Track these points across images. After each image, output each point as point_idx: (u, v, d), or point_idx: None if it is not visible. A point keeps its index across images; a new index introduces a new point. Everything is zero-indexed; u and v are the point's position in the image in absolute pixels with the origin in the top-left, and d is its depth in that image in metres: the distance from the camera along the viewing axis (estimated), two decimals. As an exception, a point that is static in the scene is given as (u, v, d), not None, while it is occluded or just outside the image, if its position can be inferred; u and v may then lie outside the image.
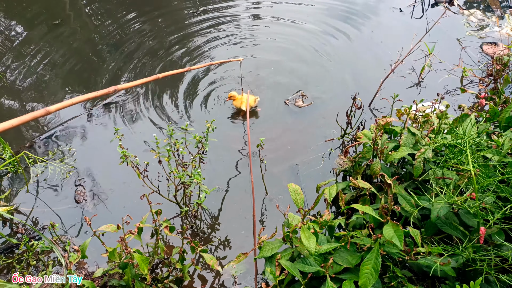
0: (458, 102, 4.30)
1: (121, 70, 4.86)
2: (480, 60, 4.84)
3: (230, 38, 5.36)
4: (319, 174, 3.64)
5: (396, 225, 2.10)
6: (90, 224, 2.57)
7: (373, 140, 2.91)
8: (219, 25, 5.63)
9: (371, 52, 5.08)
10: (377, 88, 4.15)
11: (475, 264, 2.24)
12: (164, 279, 2.74)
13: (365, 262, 2.25)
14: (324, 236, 2.61)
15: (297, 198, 2.48)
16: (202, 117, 4.23)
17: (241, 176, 3.64)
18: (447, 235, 2.59)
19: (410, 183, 2.90)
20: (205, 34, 5.45)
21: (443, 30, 5.27)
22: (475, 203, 2.19)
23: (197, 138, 2.84)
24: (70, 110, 4.31)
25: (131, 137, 4.00)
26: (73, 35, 5.44)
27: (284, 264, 2.36)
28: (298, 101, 4.37)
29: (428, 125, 2.86)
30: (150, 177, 3.35)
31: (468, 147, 2.31)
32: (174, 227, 2.75)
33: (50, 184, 3.60)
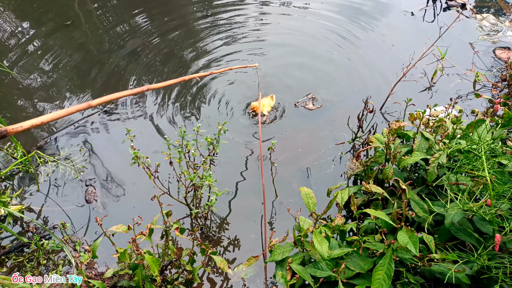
0: (471, 107, 4.26)
1: (132, 73, 4.87)
2: (493, 65, 4.79)
3: (238, 39, 5.36)
4: (330, 178, 3.62)
5: (411, 231, 2.08)
6: (101, 224, 2.58)
7: (386, 144, 2.89)
8: (228, 25, 5.63)
9: (382, 55, 5.05)
10: (389, 92, 4.12)
11: (490, 272, 2.20)
12: (173, 281, 2.74)
13: (377, 268, 2.23)
14: (336, 240, 2.59)
15: (309, 202, 2.46)
16: (214, 119, 4.23)
17: (251, 179, 3.62)
18: (459, 242, 2.56)
19: (423, 188, 2.87)
20: (214, 35, 5.45)
21: (455, 34, 5.22)
22: (490, 210, 2.16)
23: (208, 140, 2.83)
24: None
25: (140, 138, 4.00)
26: (84, 36, 5.47)
27: (295, 268, 2.34)
28: (308, 104, 4.35)
29: (442, 130, 2.83)
30: (160, 178, 3.36)
31: (483, 153, 2.29)
32: (184, 229, 2.75)
33: (61, 183, 3.61)
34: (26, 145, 3.93)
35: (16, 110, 4.40)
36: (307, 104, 4.33)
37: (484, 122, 2.61)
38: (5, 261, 3.03)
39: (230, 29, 5.58)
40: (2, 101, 4.51)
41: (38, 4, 6.18)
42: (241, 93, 4.56)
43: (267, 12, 5.99)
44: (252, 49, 5.19)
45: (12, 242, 3.17)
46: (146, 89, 2.67)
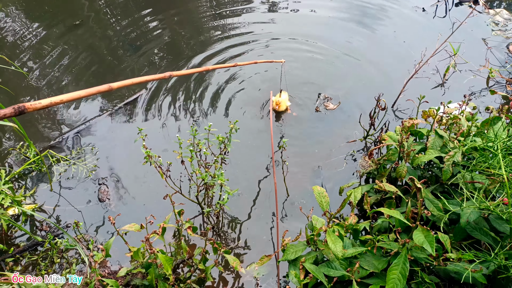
0: (484, 103, 4.20)
1: (141, 71, 4.88)
2: (507, 60, 4.71)
3: (248, 36, 5.34)
4: (342, 176, 3.60)
5: (427, 231, 2.05)
6: (114, 223, 2.59)
7: (399, 142, 2.86)
8: (235, 24, 5.62)
9: (394, 52, 5.00)
10: (401, 89, 4.08)
11: (507, 272, 2.17)
12: (186, 280, 2.74)
13: (392, 267, 2.20)
14: (349, 239, 2.57)
15: (323, 200, 2.45)
16: (225, 117, 4.22)
17: (262, 179, 3.61)
18: (475, 241, 2.52)
19: (437, 186, 2.84)
20: (222, 34, 5.44)
21: (467, 30, 5.15)
22: (508, 209, 2.12)
23: (220, 139, 2.82)
24: (92, 109, 4.35)
25: (150, 136, 4.00)
26: (92, 35, 5.49)
27: (309, 267, 2.33)
28: (329, 104, 4.30)
29: (456, 128, 2.79)
30: (172, 177, 3.37)
31: (500, 150, 2.25)
32: (196, 228, 2.75)
33: (73, 183, 3.63)
34: (38, 144, 3.96)
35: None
36: (328, 105, 4.28)
37: (500, 119, 2.57)
38: (19, 259, 3.06)
39: (239, 27, 5.56)
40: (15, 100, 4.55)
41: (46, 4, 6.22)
42: (253, 93, 4.54)
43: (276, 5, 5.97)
44: (263, 47, 5.17)
45: (27, 240, 3.20)
46: (168, 75, 2.66)
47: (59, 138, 3.99)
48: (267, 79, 4.66)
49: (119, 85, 2.38)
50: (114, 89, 2.33)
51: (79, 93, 2.10)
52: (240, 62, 3.76)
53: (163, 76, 2.67)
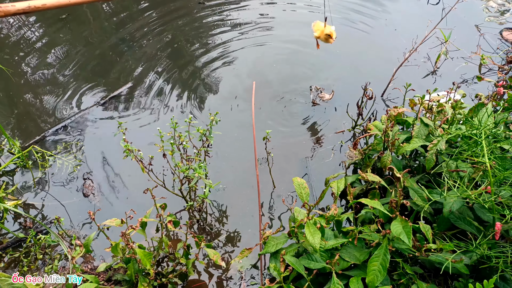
0: (476, 91, 4.12)
1: (135, 64, 4.82)
2: (500, 47, 4.63)
3: (241, 26, 5.26)
4: (330, 167, 3.55)
5: (405, 221, 2.01)
6: (94, 218, 2.55)
7: (383, 132, 2.80)
8: (227, 12, 5.53)
9: (385, 40, 4.91)
10: (390, 78, 4.01)
11: (490, 262, 2.12)
12: (168, 274, 2.71)
13: (373, 259, 2.16)
14: (331, 231, 2.53)
15: (302, 192, 2.40)
16: (214, 109, 4.17)
17: (248, 172, 3.55)
18: (461, 231, 2.48)
19: (423, 176, 2.78)
20: (218, 25, 5.36)
21: (460, 16, 5.05)
22: (490, 197, 2.07)
23: (200, 131, 2.77)
24: (78, 104, 4.30)
25: (139, 130, 3.96)
26: (80, 29, 5.41)
27: (289, 260, 2.29)
28: (324, 95, 4.20)
29: (441, 116, 2.73)
30: (156, 170, 3.32)
31: (483, 138, 2.19)
32: (178, 222, 2.71)
33: (58, 178, 3.60)
34: (24, 140, 3.92)
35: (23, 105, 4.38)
36: (323, 96, 4.19)
37: (483, 106, 2.51)
38: (2, 256, 3.04)
39: (230, 17, 5.48)
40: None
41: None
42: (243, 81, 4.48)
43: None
44: (251, 36, 5.09)
45: (9, 237, 3.17)
46: None
47: (45, 133, 3.94)
48: (258, 70, 4.60)
49: None
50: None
51: None
52: None
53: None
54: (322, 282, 2.42)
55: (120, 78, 4.62)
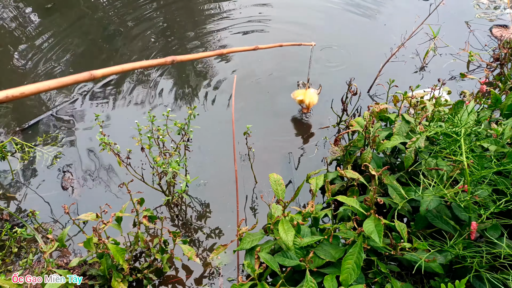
0: (463, 88, 4.09)
1: (120, 54, 4.75)
2: (489, 43, 4.59)
3: (233, 19, 5.19)
4: (313, 163, 3.51)
5: (378, 220, 1.97)
6: (68, 212, 2.50)
7: (364, 128, 2.76)
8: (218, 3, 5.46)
9: (374, 35, 4.86)
10: (377, 73, 3.96)
11: (464, 261, 2.10)
12: (144, 269, 2.67)
13: (347, 257, 2.13)
14: (309, 228, 2.49)
15: (278, 188, 2.36)
16: (200, 104, 4.12)
17: (231, 167, 3.50)
18: (440, 229, 2.45)
19: (404, 173, 2.75)
20: (216, 16, 5.28)
21: (450, 12, 5.01)
22: (466, 196, 2.04)
23: (178, 125, 2.72)
24: (60, 95, 4.23)
25: (121, 122, 3.90)
26: (67, 18, 5.33)
27: (263, 257, 2.25)
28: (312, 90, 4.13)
29: (423, 113, 2.69)
30: (137, 164, 3.27)
31: (462, 136, 2.15)
32: (155, 217, 2.67)
33: (38, 170, 3.54)
34: (4, 131, 3.85)
35: None
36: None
37: (463, 104, 2.47)
38: (-23, 249, 2.99)
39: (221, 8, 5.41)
40: None
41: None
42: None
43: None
44: (247, 28, 5.02)
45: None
46: (170, 61, 2.22)
47: (24, 124, 3.87)
48: (244, 64, 4.54)
49: (103, 73, 1.95)
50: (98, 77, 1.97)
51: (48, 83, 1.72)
52: (261, 46, 3.07)
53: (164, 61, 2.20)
54: (298, 279, 2.39)
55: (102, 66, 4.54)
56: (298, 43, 3.54)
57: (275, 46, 3.35)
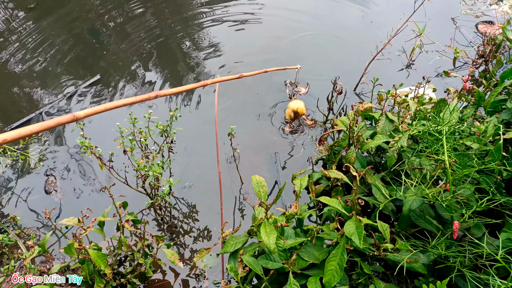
0: (449, 85, 4.09)
1: (105, 55, 4.69)
2: (475, 40, 4.59)
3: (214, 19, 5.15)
4: (299, 163, 3.49)
5: (359, 221, 1.96)
6: (50, 217, 2.47)
7: (348, 128, 2.75)
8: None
9: (360, 33, 4.85)
10: (363, 71, 3.95)
11: (447, 261, 2.09)
12: (128, 274, 2.63)
13: (330, 258, 2.11)
14: (293, 229, 2.47)
15: (261, 190, 2.33)
16: (180, 105, 4.07)
17: (216, 168, 3.48)
18: (424, 229, 2.45)
19: (388, 172, 2.74)
20: (206, 18, 5.24)
21: (437, 9, 5.01)
22: (447, 196, 2.03)
23: (160, 127, 2.69)
24: (45, 97, 4.17)
25: (107, 123, 3.85)
26: (48, 19, 5.25)
27: (247, 260, 2.23)
28: (300, 89, 4.10)
29: (405, 111, 2.68)
30: (120, 167, 3.23)
31: (444, 134, 2.14)
32: (139, 221, 2.64)
33: (22, 174, 3.49)
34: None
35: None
36: (299, 90, 4.09)
37: (445, 102, 2.47)
38: (-42, 256, 2.94)
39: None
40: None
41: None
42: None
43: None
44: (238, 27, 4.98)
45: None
46: (154, 96, 2.17)
47: (7, 128, 3.81)
48: (231, 64, 4.50)
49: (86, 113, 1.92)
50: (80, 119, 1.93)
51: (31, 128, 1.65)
52: (246, 73, 3.20)
53: (148, 97, 2.12)
54: (283, 281, 2.37)
55: (91, 69, 4.50)
56: (283, 67, 3.62)
57: (260, 73, 3.36)
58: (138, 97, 2.16)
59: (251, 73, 3.25)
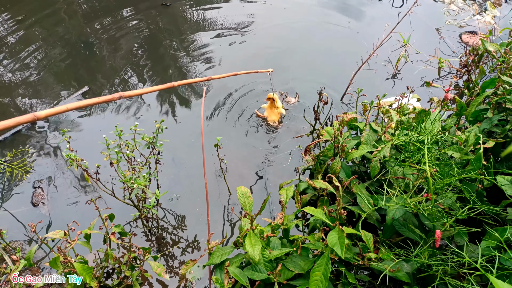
0: (434, 94, 4.17)
1: (94, 66, 4.70)
2: (458, 50, 4.69)
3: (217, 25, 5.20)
4: (286, 172, 3.52)
5: (341, 231, 1.98)
6: (35, 230, 2.46)
7: (333, 138, 2.78)
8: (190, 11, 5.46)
9: (346, 43, 4.92)
10: (349, 81, 4.01)
11: (430, 270, 2.12)
12: (115, 287, 2.63)
13: (315, 268, 2.13)
14: (279, 239, 2.49)
15: (246, 202, 2.35)
16: (165, 117, 4.09)
17: (207, 179, 3.49)
18: (408, 237, 2.48)
19: (373, 182, 2.77)
20: (198, 28, 5.28)
21: (421, 19, 5.11)
22: (429, 205, 2.07)
23: (146, 139, 2.70)
24: (32, 107, 4.16)
25: (94, 135, 3.85)
26: (40, 30, 5.26)
27: (232, 271, 2.24)
28: (290, 99, 4.15)
29: (389, 121, 2.73)
30: (107, 179, 3.23)
31: (425, 144, 2.18)
32: (126, 233, 2.64)
33: (8, 185, 3.46)
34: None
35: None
36: (289, 101, 4.14)
37: (425, 112, 2.51)
38: None
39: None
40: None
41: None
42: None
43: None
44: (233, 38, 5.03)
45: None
46: (118, 97, 2.19)
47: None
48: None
49: (47, 113, 1.94)
50: (41, 118, 1.97)
51: None
52: (215, 76, 3.23)
53: (111, 98, 2.12)
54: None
55: (81, 80, 4.50)
56: (254, 71, 3.64)
57: (230, 75, 3.42)
58: (102, 97, 2.17)
59: (220, 75, 3.32)
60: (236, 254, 2.50)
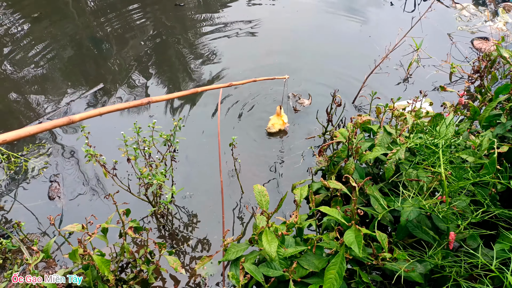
0: (445, 99, 4.19)
1: (109, 64, 4.76)
2: (470, 55, 4.71)
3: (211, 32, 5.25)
4: (298, 173, 3.55)
5: (358, 231, 2.02)
6: (54, 223, 2.51)
7: (347, 139, 2.82)
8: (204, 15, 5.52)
9: (359, 47, 4.96)
10: (361, 85, 4.04)
11: (443, 271, 2.15)
12: (130, 280, 2.68)
13: (329, 267, 2.17)
14: (293, 238, 2.53)
15: (262, 200, 2.40)
16: (182, 115, 4.15)
17: (217, 177, 3.51)
18: (421, 239, 2.51)
19: (386, 183, 2.81)
20: (206, 29, 5.34)
21: (433, 24, 5.14)
22: (443, 207, 2.10)
23: (163, 136, 2.75)
24: (47, 104, 4.23)
25: (111, 132, 3.91)
26: (53, 28, 5.34)
27: (248, 268, 2.28)
28: (303, 101, 4.21)
29: (403, 124, 2.76)
30: (123, 174, 3.29)
31: (440, 148, 2.22)
32: (141, 228, 2.68)
33: (25, 180, 3.53)
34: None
35: None
36: (303, 102, 4.19)
37: (441, 116, 2.55)
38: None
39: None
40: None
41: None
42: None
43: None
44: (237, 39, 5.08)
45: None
46: (146, 102, 2.23)
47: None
48: (229, 78, 4.59)
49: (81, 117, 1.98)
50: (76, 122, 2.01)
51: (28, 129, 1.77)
52: (235, 82, 3.30)
53: (140, 103, 2.28)
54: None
55: (94, 78, 4.57)
56: (271, 77, 3.70)
57: (249, 82, 3.50)
58: (131, 102, 2.24)
59: (240, 82, 3.39)
60: (251, 251, 2.54)
